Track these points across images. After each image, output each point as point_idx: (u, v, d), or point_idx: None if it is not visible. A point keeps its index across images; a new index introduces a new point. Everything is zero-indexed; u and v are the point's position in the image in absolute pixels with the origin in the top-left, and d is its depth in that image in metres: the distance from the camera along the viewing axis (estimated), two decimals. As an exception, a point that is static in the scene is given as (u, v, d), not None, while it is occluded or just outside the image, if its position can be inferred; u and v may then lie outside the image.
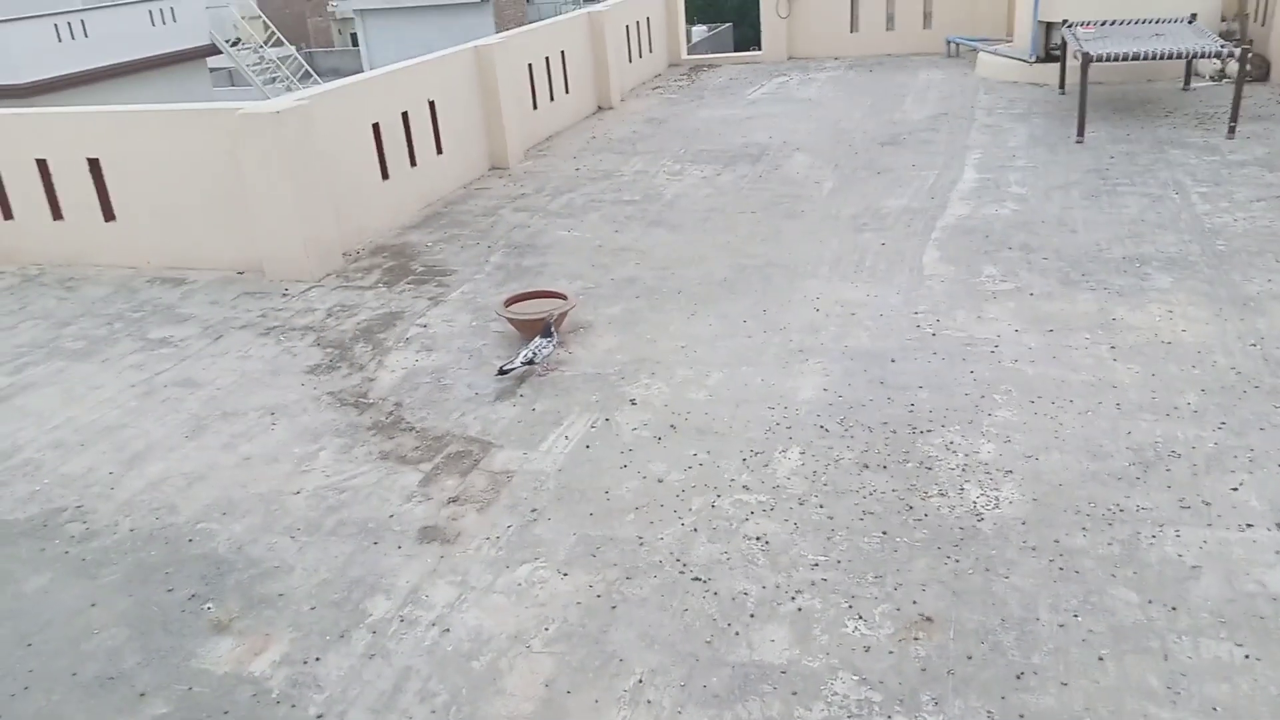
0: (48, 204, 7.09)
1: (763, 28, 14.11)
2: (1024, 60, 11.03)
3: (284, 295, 6.28)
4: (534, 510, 3.81)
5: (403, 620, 3.27)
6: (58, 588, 3.57)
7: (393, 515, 3.85)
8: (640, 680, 2.94)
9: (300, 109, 6.37)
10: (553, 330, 5.05)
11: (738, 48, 28.42)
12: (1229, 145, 8.03)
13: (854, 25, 13.78)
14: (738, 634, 3.09)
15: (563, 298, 5.48)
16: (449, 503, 3.91)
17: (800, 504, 3.71)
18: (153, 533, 3.86)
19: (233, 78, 30.63)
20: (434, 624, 3.24)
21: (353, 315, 5.88)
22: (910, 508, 3.64)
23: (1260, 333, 4.80)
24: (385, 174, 7.52)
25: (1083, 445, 3.96)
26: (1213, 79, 10.41)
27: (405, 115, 7.75)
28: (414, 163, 7.90)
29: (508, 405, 4.65)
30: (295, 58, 28.20)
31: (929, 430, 4.15)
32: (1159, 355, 4.65)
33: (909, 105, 10.51)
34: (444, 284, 6.30)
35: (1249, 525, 3.41)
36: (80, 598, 3.50)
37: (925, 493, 3.73)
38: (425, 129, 8.05)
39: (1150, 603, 3.09)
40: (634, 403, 4.58)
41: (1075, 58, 8.67)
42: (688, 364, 4.92)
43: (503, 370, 4.84)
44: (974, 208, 7.00)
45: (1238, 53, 8.28)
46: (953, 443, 4.05)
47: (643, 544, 3.56)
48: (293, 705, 2.95)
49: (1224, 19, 10.76)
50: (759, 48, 14.38)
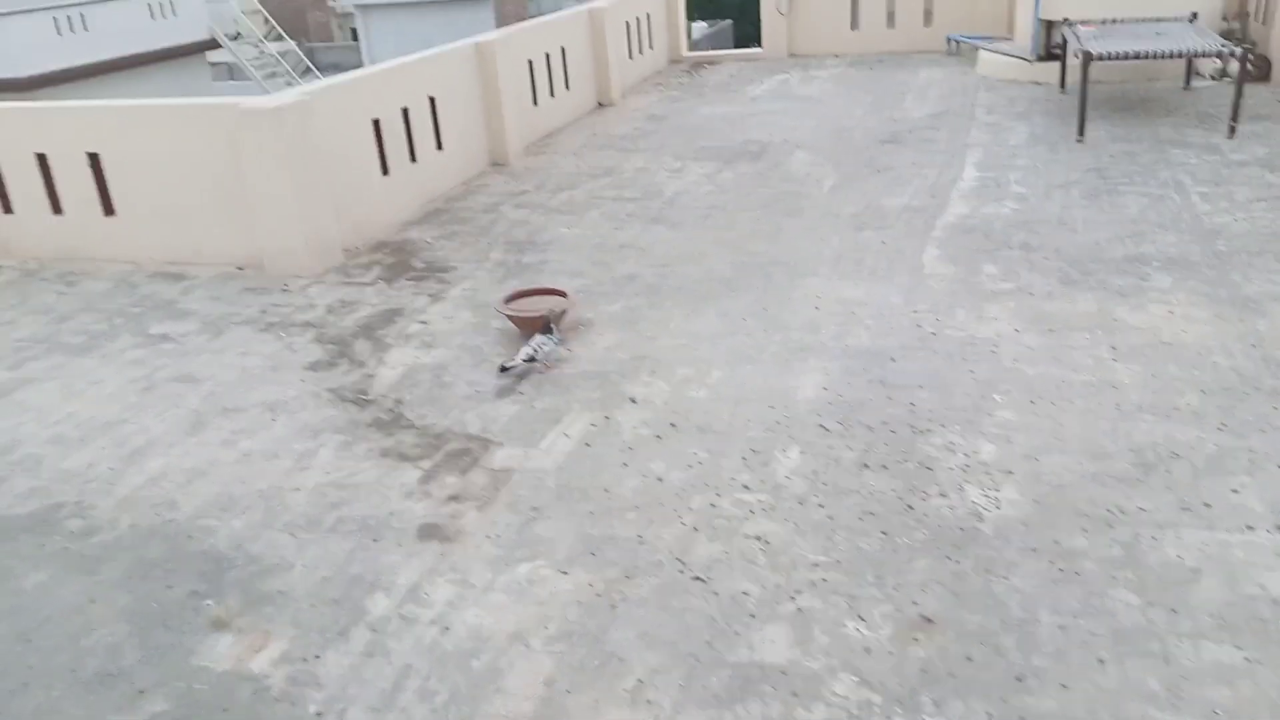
0: (48, 198, 7.08)
1: (763, 25, 14.08)
2: (1025, 59, 11.01)
3: (284, 291, 6.27)
4: (534, 508, 3.81)
5: (402, 618, 3.27)
6: (57, 584, 3.57)
7: (393, 513, 3.85)
8: (640, 680, 2.94)
9: (301, 104, 6.35)
10: (554, 327, 5.04)
11: (738, 45, 28.36)
12: (1230, 145, 8.03)
13: (855, 23, 13.75)
14: (738, 634, 3.09)
15: (563, 295, 5.48)
16: (449, 500, 3.91)
17: (800, 504, 3.71)
18: (153, 529, 3.86)
19: (233, 72, 30.57)
20: (434, 622, 3.24)
21: (353, 311, 5.88)
22: (910, 508, 3.64)
23: (1260, 334, 4.80)
24: (386, 170, 7.51)
25: (1083, 446, 3.96)
26: (1214, 78, 10.40)
27: (406, 111, 7.74)
28: (414, 159, 7.89)
29: (508, 403, 4.65)
30: (296, 53, 28.15)
31: (929, 430, 4.15)
32: (1159, 356, 4.65)
33: (909, 103, 10.50)
34: (444, 281, 6.30)
35: (1250, 527, 3.41)
36: (80, 594, 3.50)
37: (925, 493, 3.73)
38: (426, 125, 8.03)
39: (1151, 605, 3.09)
40: (634, 401, 4.57)
41: (1076, 56, 8.65)
42: (688, 362, 4.92)
43: (504, 368, 4.84)
44: (974, 206, 6.99)
45: (1239, 52, 8.27)
46: (953, 443, 4.05)
47: (643, 543, 3.56)
48: (292, 703, 2.95)
49: (1225, 18, 10.74)
50: (760, 45, 14.35)
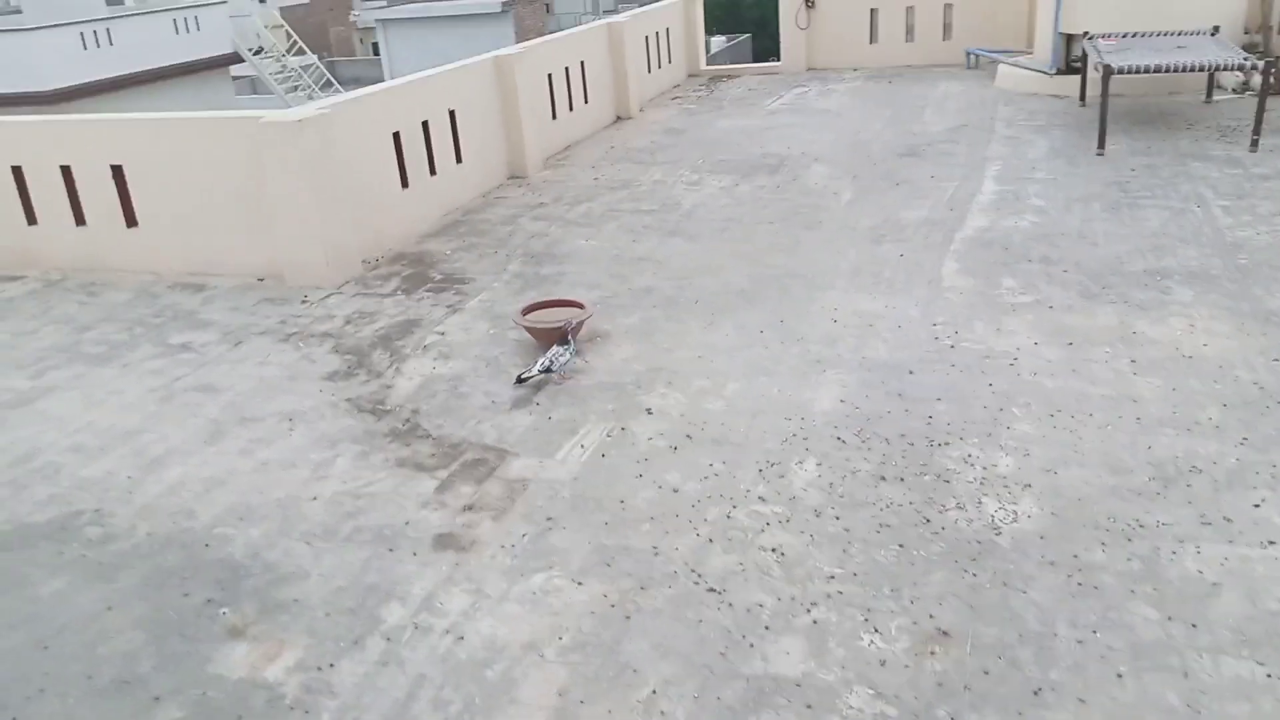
0: (71, 210, 7.16)
1: (782, 39, 14.10)
2: (1044, 72, 10.98)
3: (303, 302, 6.32)
4: (549, 519, 3.81)
5: (417, 628, 3.27)
6: (75, 591, 3.59)
7: (408, 522, 3.86)
8: (654, 691, 2.93)
9: (322, 118, 6.41)
10: (570, 338, 5.05)
11: (757, 58, 28.44)
12: (1252, 158, 7.97)
13: (873, 36, 13.76)
14: (752, 646, 3.07)
15: (580, 307, 5.49)
16: (464, 510, 3.91)
17: (816, 516, 3.70)
18: (170, 537, 3.88)
19: (255, 86, 30.93)
20: (448, 632, 3.24)
21: (371, 322, 5.91)
22: (927, 521, 3.62)
23: (1283, 348, 4.75)
24: (405, 182, 7.56)
25: (1102, 459, 3.92)
26: (1235, 91, 10.34)
27: (425, 124, 7.80)
28: (434, 171, 7.94)
29: (524, 413, 4.65)
30: (317, 66, 28.45)
31: (947, 443, 4.13)
32: (1180, 369, 4.61)
33: (928, 116, 10.48)
34: (462, 292, 6.32)
35: (1271, 542, 3.37)
36: (97, 601, 3.52)
37: (943, 506, 3.70)
38: (445, 138, 8.09)
39: (1170, 620, 3.06)
40: (650, 412, 4.57)
41: (1096, 70, 8.63)
42: (704, 374, 4.91)
43: (521, 379, 4.85)
44: (993, 220, 6.97)
45: (1261, 65, 8.22)
46: (971, 456, 4.02)
47: (658, 554, 3.55)
48: (306, 711, 2.95)
49: (1247, 31, 10.69)
50: (778, 59, 14.38)
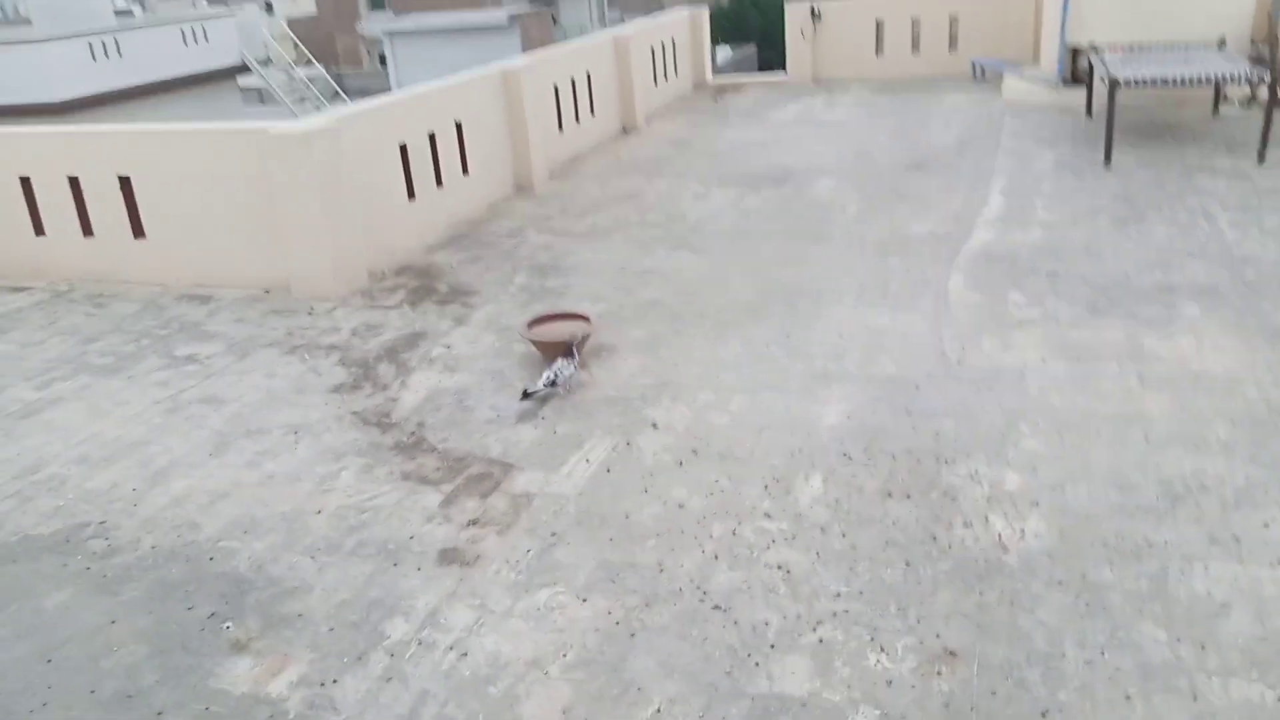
0: (79, 221, 7.18)
1: (788, 50, 14.13)
2: (1050, 84, 10.98)
3: (310, 314, 6.32)
4: (554, 534, 3.80)
5: (420, 643, 3.26)
6: (79, 604, 3.58)
7: (413, 536, 3.85)
8: (659, 710, 2.91)
9: (329, 129, 6.42)
10: (574, 351, 5.04)
11: (763, 70, 28.48)
12: (1259, 172, 7.95)
13: (879, 48, 13.78)
14: (758, 664, 3.05)
15: (586, 320, 5.48)
16: (469, 525, 3.90)
17: (822, 533, 3.68)
18: (174, 550, 3.87)
19: (263, 97, 30.98)
20: (452, 648, 3.23)
21: (377, 335, 5.91)
22: (934, 538, 3.60)
23: (1292, 364, 4.73)
24: (412, 194, 7.57)
25: (1110, 477, 3.90)
26: (1242, 104, 10.32)
27: (432, 136, 7.81)
28: (440, 183, 7.95)
29: (529, 427, 4.64)
30: (324, 78, 28.51)
31: (954, 460, 4.11)
32: (1188, 386, 4.59)
33: (934, 129, 10.48)
34: (468, 305, 6.32)
35: (1281, 562, 3.35)
36: (101, 614, 3.51)
37: (949, 523, 3.68)
38: (452, 150, 8.10)
39: (1179, 640, 3.03)
40: (655, 426, 4.56)
41: (1103, 82, 8.62)
42: (710, 388, 4.90)
43: (527, 393, 4.84)
44: (1000, 233, 6.95)
45: (1268, 78, 8.21)
46: (978, 473, 4.00)
47: (663, 571, 3.53)
48: (310, 728, 2.94)
49: (1254, 43, 10.67)
50: (784, 70, 14.40)
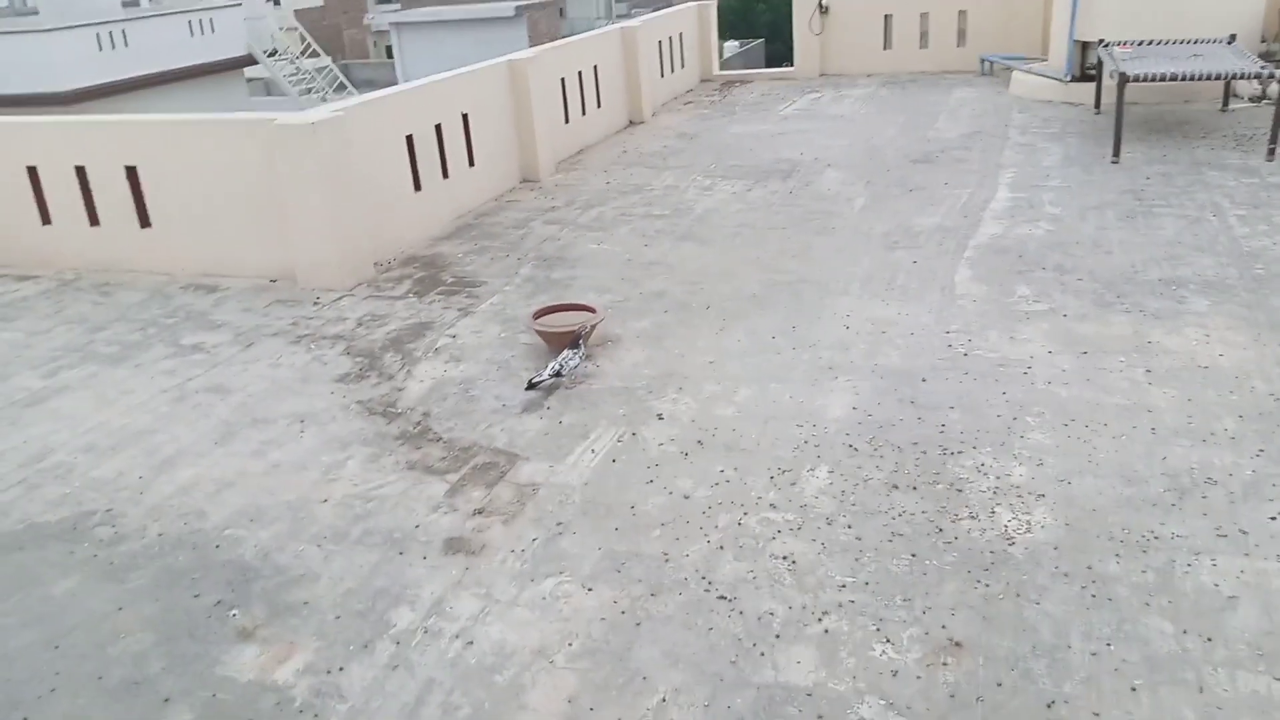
0: (85, 210, 7.19)
1: (795, 44, 14.09)
2: (1059, 79, 10.94)
3: (315, 304, 6.32)
4: (559, 524, 3.80)
5: (426, 632, 3.26)
6: (86, 591, 3.59)
7: (418, 526, 3.85)
8: (664, 699, 2.91)
9: (335, 120, 6.42)
10: (580, 342, 5.04)
11: (770, 64, 28.44)
12: (1268, 168, 7.91)
13: (887, 42, 13.74)
14: (763, 654, 3.06)
15: (592, 311, 5.48)
16: (474, 514, 3.90)
17: (828, 524, 3.68)
18: (181, 538, 3.88)
19: (269, 88, 31.03)
20: (457, 636, 3.23)
21: (383, 325, 5.91)
22: (940, 530, 3.60)
23: (1300, 359, 4.71)
24: (418, 185, 7.57)
25: (1117, 470, 3.89)
26: (1252, 100, 10.28)
27: (438, 127, 7.80)
28: (446, 174, 7.95)
29: (535, 417, 4.65)
30: (331, 69, 28.54)
31: (960, 451, 4.10)
32: (1195, 380, 4.57)
33: (942, 123, 10.46)
34: (474, 295, 6.32)
35: (1288, 555, 3.34)
36: (108, 602, 3.52)
37: (955, 515, 3.68)
38: (458, 141, 8.10)
39: (1185, 633, 3.03)
40: (661, 417, 4.56)
41: (1112, 77, 8.59)
42: (716, 379, 4.90)
43: (532, 384, 4.84)
44: (1007, 227, 6.94)
45: (1278, 74, 8.17)
46: (984, 465, 4.00)
47: (668, 561, 3.53)
48: (315, 715, 2.94)
49: (1264, 40, 10.63)
50: (791, 64, 14.37)
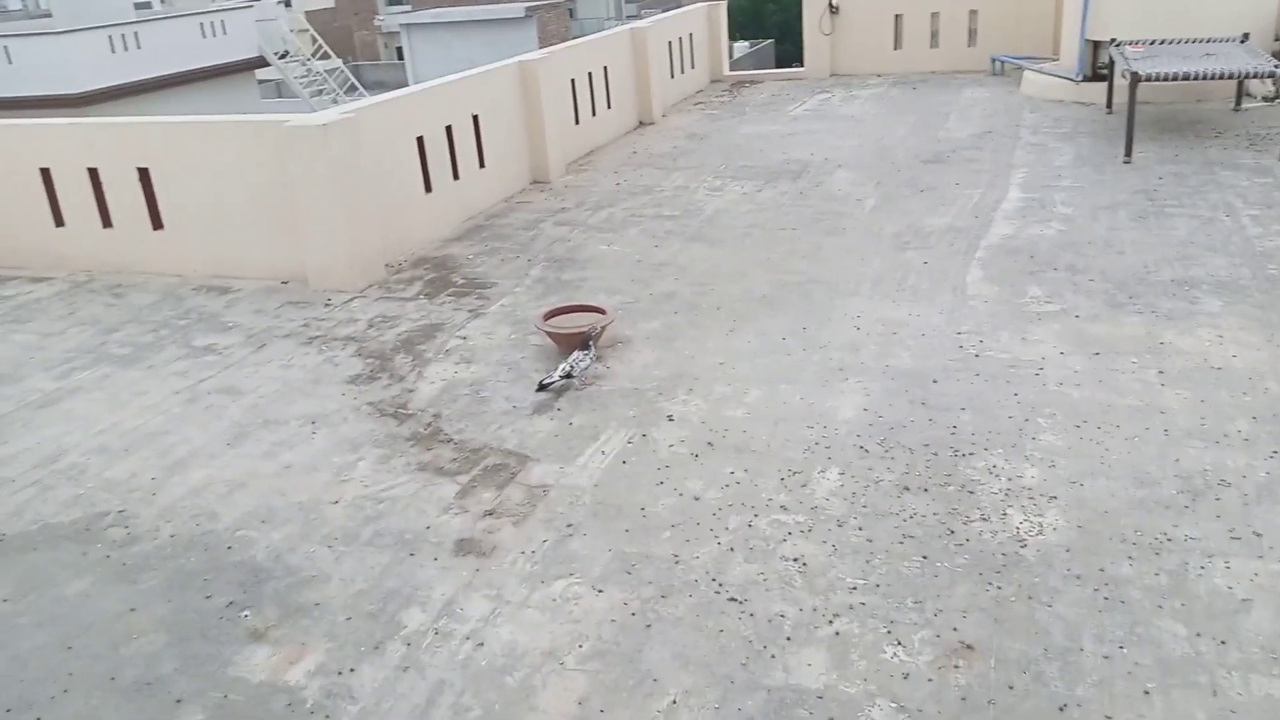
0: (98, 212, 7.23)
1: (805, 44, 14.06)
2: (1070, 79, 10.90)
3: (327, 305, 6.34)
4: (570, 525, 3.80)
5: (437, 633, 3.27)
6: (98, 592, 3.61)
7: (429, 527, 3.86)
8: (674, 701, 2.91)
9: (346, 122, 6.44)
10: (590, 344, 5.04)
11: (780, 64, 28.43)
12: (1282, 167, 7.88)
13: (898, 42, 13.70)
14: (774, 657, 3.05)
15: (602, 312, 5.48)
16: (485, 516, 3.91)
17: (839, 525, 3.67)
18: (193, 539, 3.90)
19: (280, 89, 31.14)
20: (468, 638, 3.23)
21: (394, 326, 5.92)
22: (951, 532, 3.59)
23: (1314, 360, 4.68)
24: (428, 187, 7.58)
25: (1129, 472, 3.88)
26: (1265, 100, 10.22)
27: (449, 129, 7.82)
28: (456, 176, 7.96)
29: (545, 419, 4.65)
30: (342, 70, 28.60)
31: (971, 453, 4.09)
32: (1208, 381, 4.55)
33: (953, 123, 10.43)
34: (484, 297, 6.33)
35: (1303, 558, 3.32)
36: (120, 603, 3.54)
37: (967, 517, 3.67)
38: (468, 143, 8.11)
39: (1199, 636, 3.01)
40: (671, 419, 4.56)
41: (1124, 77, 8.55)
42: (726, 381, 4.89)
43: (542, 385, 4.85)
44: (1019, 227, 6.91)
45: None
46: (995, 466, 3.98)
47: (679, 562, 3.53)
48: (327, 716, 2.95)
49: (1277, 38, 10.57)
50: (801, 64, 14.34)
